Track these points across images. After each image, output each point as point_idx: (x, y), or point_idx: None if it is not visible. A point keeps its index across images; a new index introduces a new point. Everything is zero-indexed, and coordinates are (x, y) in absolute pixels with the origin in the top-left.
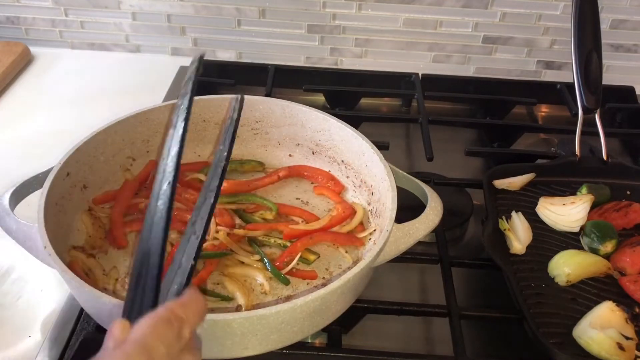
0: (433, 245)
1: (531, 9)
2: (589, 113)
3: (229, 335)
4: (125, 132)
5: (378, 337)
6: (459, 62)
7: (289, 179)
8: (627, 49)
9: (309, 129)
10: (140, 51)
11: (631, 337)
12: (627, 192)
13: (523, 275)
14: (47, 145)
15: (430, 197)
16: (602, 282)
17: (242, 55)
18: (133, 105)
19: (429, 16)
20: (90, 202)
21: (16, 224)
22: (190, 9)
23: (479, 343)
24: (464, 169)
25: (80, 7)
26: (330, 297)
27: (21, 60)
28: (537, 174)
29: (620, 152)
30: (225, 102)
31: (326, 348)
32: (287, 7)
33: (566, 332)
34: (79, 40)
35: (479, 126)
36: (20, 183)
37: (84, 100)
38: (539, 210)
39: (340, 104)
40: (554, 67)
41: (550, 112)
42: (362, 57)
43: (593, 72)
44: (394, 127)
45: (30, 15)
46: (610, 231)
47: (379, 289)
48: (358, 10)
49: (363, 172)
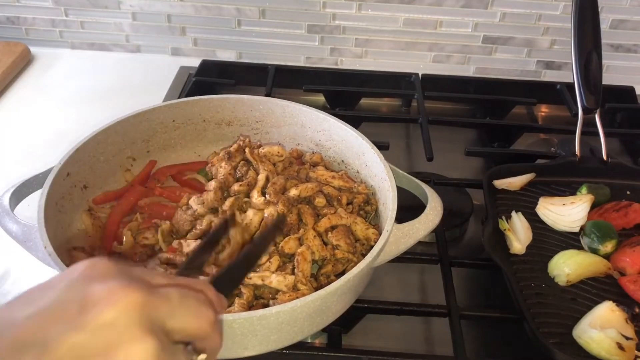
0: (433, 245)
1: (531, 9)
2: (589, 113)
3: (229, 335)
4: (125, 132)
5: (378, 337)
6: (459, 62)
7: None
8: (627, 49)
9: (309, 129)
10: (140, 51)
11: (631, 337)
12: (627, 192)
13: (523, 275)
14: (47, 145)
15: (430, 197)
16: (602, 282)
17: (242, 55)
18: (133, 105)
19: (429, 16)
20: (90, 202)
21: (16, 224)
22: (190, 9)
23: (479, 343)
24: (464, 169)
25: (80, 7)
26: (330, 297)
27: (21, 60)
28: (537, 174)
29: (620, 152)
30: (226, 102)
31: (326, 348)
32: (287, 7)
33: (566, 332)
34: (79, 40)
35: (479, 126)
36: (20, 183)
37: (84, 100)
38: (539, 210)
39: (340, 104)
40: (554, 67)
41: (550, 112)
42: (362, 57)
43: (593, 72)
44: (394, 127)
45: (30, 15)
46: (610, 231)
47: (379, 289)
48: (358, 10)
49: (363, 172)
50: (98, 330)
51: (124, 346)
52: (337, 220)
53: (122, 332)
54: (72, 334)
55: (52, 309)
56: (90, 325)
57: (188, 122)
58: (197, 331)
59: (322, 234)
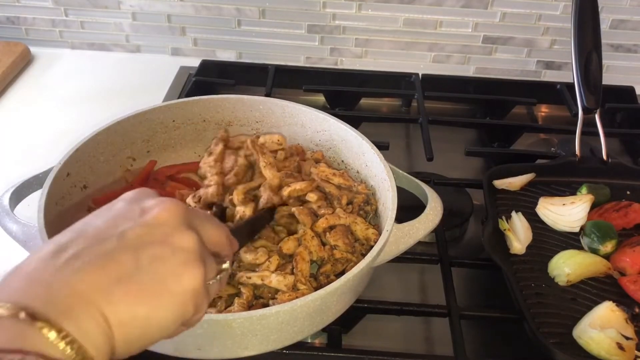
0: (433, 245)
1: (531, 9)
2: (589, 113)
3: (229, 335)
4: (125, 132)
5: (378, 337)
6: (459, 62)
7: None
8: (627, 49)
9: (309, 129)
10: (140, 51)
11: (631, 337)
12: (627, 192)
13: (523, 275)
14: (47, 145)
15: (430, 197)
16: (602, 282)
17: (242, 55)
18: (133, 105)
19: (429, 16)
20: (90, 202)
21: (16, 224)
22: (190, 9)
23: (479, 343)
24: (464, 169)
25: (80, 7)
26: (330, 297)
27: (21, 60)
28: (537, 174)
29: (620, 152)
30: (226, 102)
31: (326, 348)
32: (287, 7)
33: (566, 332)
34: (79, 40)
35: (479, 126)
36: (20, 183)
37: (84, 100)
38: (539, 210)
39: (340, 104)
40: (554, 67)
41: (550, 112)
42: (362, 57)
43: (593, 72)
44: (394, 127)
45: (30, 15)
46: (610, 231)
47: (379, 289)
48: (358, 11)
49: (363, 172)
50: (156, 226)
51: (175, 235)
52: (335, 220)
53: (173, 227)
54: (138, 228)
55: (120, 214)
56: (149, 222)
57: (188, 122)
58: (219, 241)
59: (320, 234)
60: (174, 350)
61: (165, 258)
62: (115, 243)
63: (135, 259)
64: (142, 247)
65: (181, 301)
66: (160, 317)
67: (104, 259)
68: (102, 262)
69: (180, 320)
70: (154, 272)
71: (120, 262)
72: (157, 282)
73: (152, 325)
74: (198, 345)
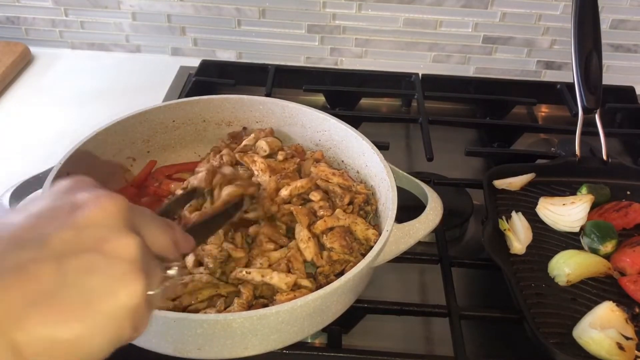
0: (433, 245)
1: (531, 9)
2: (589, 113)
3: (229, 335)
4: (125, 132)
5: (378, 337)
6: (459, 62)
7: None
8: (627, 49)
9: (309, 129)
10: (140, 51)
11: (631, 337)
12: (627, 192)
13: (523, 275)
14: (47, 145)
15: (430, 197)
16: (602, 282)
17: (242, 55)
18: (133, 105)
19: (429, 16)
20: None
21: None
22: (190, 9)
23: (479, 343)
24: (464, 169)
25: (80, 7)
26: (330, 297)
27: (21, 60)
28: (537, 174)
29: (620, 152)
30: (226, 102)
31: (326, 348)
32: (287, 7)
33: (566, 332)
34: (79, 40)
35: (479, 126)
36: (20, 183)
37: (84, 100)
38: (539, 210)
39: (340, 104)
40: (554, 67)
41: (550, 112)
42: (362, 57)
43: (593, 72)
44: (394, 127)
45: (30, 15)
46: (610, 231)
47: (379, 289)
48: (358, 11)
49: (363, 172)
50: (88, 227)
51: (112, 240)
52: (334, 222)
53: (109, 229)
54: (65, 230)
55: (45, 212)
56: (80, 223)
57: (188, 122)
58: (166, 244)
59: (318, 235)
60: (174, 350)
61: (96, 270)
62: (34, 251)
63: (59, 271)
64: (68, 256)
65: (116, 322)
66: (89, 341)
67: (19, 272)
68: (15, 277)
69: (115, 342)
70: (81, 288)
71: (38, 277)
72: (85, 301)
73: (79, 352)
74: (198, 345)
